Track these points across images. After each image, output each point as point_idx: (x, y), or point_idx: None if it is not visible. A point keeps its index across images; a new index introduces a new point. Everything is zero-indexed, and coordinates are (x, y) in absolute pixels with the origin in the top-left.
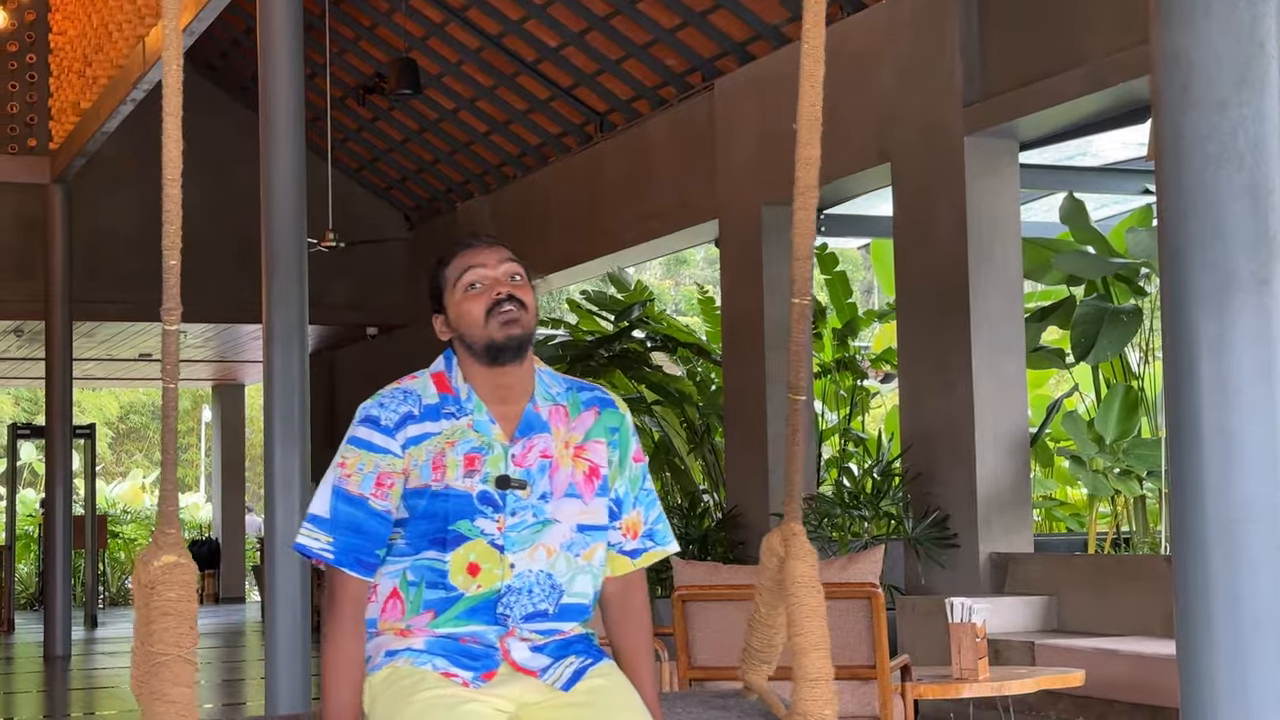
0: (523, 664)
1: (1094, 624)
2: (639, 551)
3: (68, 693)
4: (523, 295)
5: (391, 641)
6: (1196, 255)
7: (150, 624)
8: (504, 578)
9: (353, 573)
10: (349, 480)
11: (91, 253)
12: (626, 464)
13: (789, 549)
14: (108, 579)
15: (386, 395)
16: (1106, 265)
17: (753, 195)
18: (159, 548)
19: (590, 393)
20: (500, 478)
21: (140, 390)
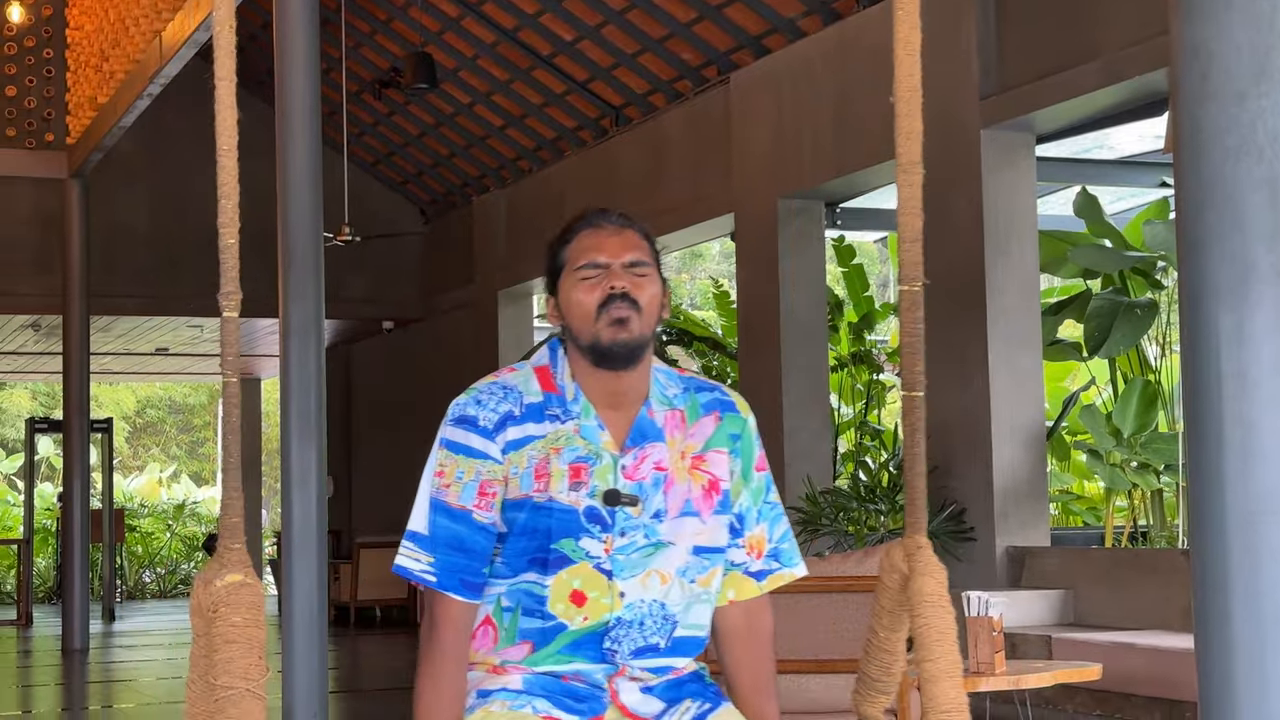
0: (633, 709)
1: (1111, 618)
2: (765, 573)
3: (85, 686)
4: (641, 293)
5: (484, 680)
6: (1215, 247)
7: (213, 654)
8: (613, 608)
9: (457, 596)
10: (448, 491)
11: (108, 247)
12: (750, 474)
13: (914, 564)
14: (125, 573)
15: (484, 391)
16: (1122, 259)
17: (768, 189)
18: (222, 565)
19: (710, 394)
20: (609, 492)
21: (157, 385)
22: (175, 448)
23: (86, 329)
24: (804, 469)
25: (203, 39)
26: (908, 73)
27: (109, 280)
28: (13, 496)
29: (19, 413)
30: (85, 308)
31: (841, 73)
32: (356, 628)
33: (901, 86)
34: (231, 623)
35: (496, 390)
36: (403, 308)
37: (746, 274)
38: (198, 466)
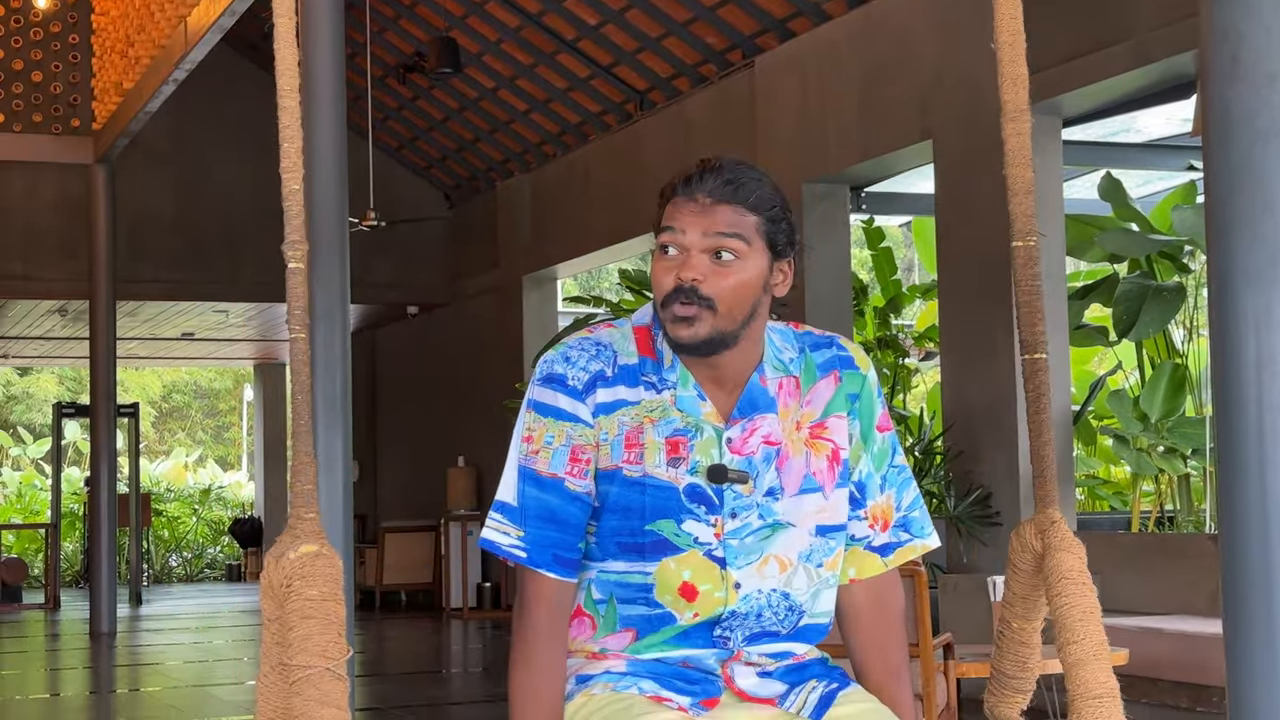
0: (751, 691)
1: (1138, 603)
2: (891, 546)
3: (113, 669)
4: (717, 286)
5: (584, 666)
6: (1244, 230)
7: (289, 632)
8: (727, 602)
9: (549, 573)
10: (537, 457)
11: (134, 232)
12: (871, 436)
13: (1049, 541)
14: (152, 557)
15: (574, 346)
16: (1149, 243)
17: (793, 172)
18: (295, 536)
19: (827, 351)
20: (713, 468)
21: (183, 370)
22: (201, 433)
23: (113, 314)
24: None
25: (228, 24)
26: (1010, 14)
27: (135, 265)
28: (40, 481)
29: (46, 398)
30: (112, 293)
31: (867, 55)
32: (382, 612)
33: (1003, 30)
34: (307, 597)
35: (589, 346)
36: (427, 292)
37: None
38: (223, 451)
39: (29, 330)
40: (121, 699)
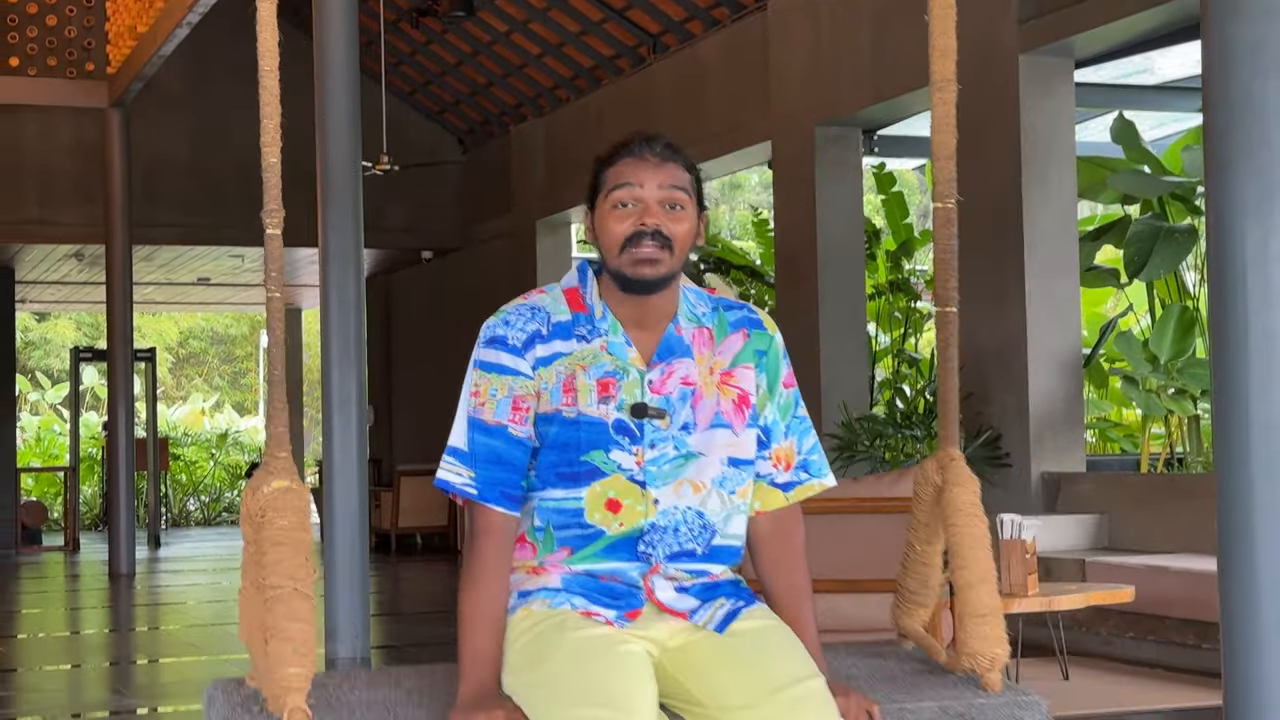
0: (669, 604)
1: (1145, 542)
2: (793, 484)
3: (133, 608)
4: (673, 229)
5: (525, 581)
6: (1242, 164)
7: (262, 556)
8: (647, 515)
9: (497, 507)
10: (484, 408)
11: (149, 177)
12: (777, 389)
13: (947, 476)
14: (170, 500)
15: (511, 312)
16: (1161, 184)
17: (806, 116)
18: (269, 472)
19: (738, 312)
20: (636, 405)
21: (199, 315)
22: (218, 378)
23: (129, 259)
24: (840, 396)
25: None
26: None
27: (151, 210)
28: (59, 425)
29: (63, 343)
30: (128, 237)
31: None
32: (397, 554)
33: (936, 4)
34: (279, 526)
35: (524, 311)
36: (441, 237)
37: (784, 202)
38: (240, 396)
39: (46, 275)
40: (141, 637)
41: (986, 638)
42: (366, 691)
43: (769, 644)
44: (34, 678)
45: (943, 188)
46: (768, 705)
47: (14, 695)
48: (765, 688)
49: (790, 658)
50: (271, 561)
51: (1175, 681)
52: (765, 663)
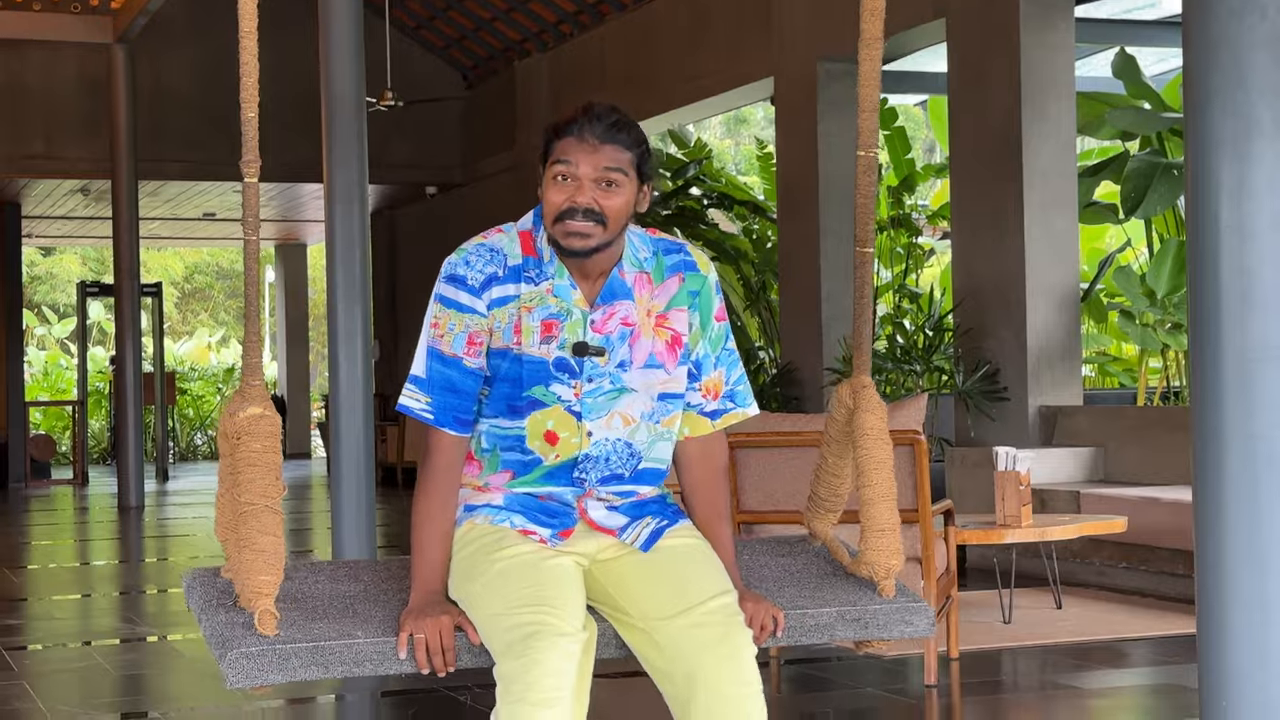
0: (600, 523)
1: (1140, 474)
2: (719, 413)
3: (142, 540)
4: (605, 204)
5: (471, 496)
6: (1218, 104)
7: (236, 474)
8: (581, 446)
9: (451, 430)
10: (442, 341)
11: (154, 112)
12: (709, 324)
13: (858, 401)
14: (177, 434)
15: (472, 252)
16: (1159, 120)
17: (808, 52)
18: (244, 399)
19: (675, 255)
20: (577, 344)
21: (204, 250)
22: (223, 313)
23: (135, 193)
24: (841, 331)
25: None
26: None
27: (156, 145)
28: (65, 360)
29: (69, 278)
30: (134, 172)
31: None
32: (404, 488)
33: None
34: (252, 449)
35: (484, 252)
36: (446, 172)
37: (786, 138)
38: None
39: (52, 210)
40: (150, 568)
41: (884, 549)
42: (328, 584)
43: (687, 562)
44: (45, 606)
45: (867, 138)
46: (683, 618)
47: (25, 624)
48: (681, 603)
49: (706, 575)
50: (245, 481)
51: (1165, 610)
52: (683, 579)
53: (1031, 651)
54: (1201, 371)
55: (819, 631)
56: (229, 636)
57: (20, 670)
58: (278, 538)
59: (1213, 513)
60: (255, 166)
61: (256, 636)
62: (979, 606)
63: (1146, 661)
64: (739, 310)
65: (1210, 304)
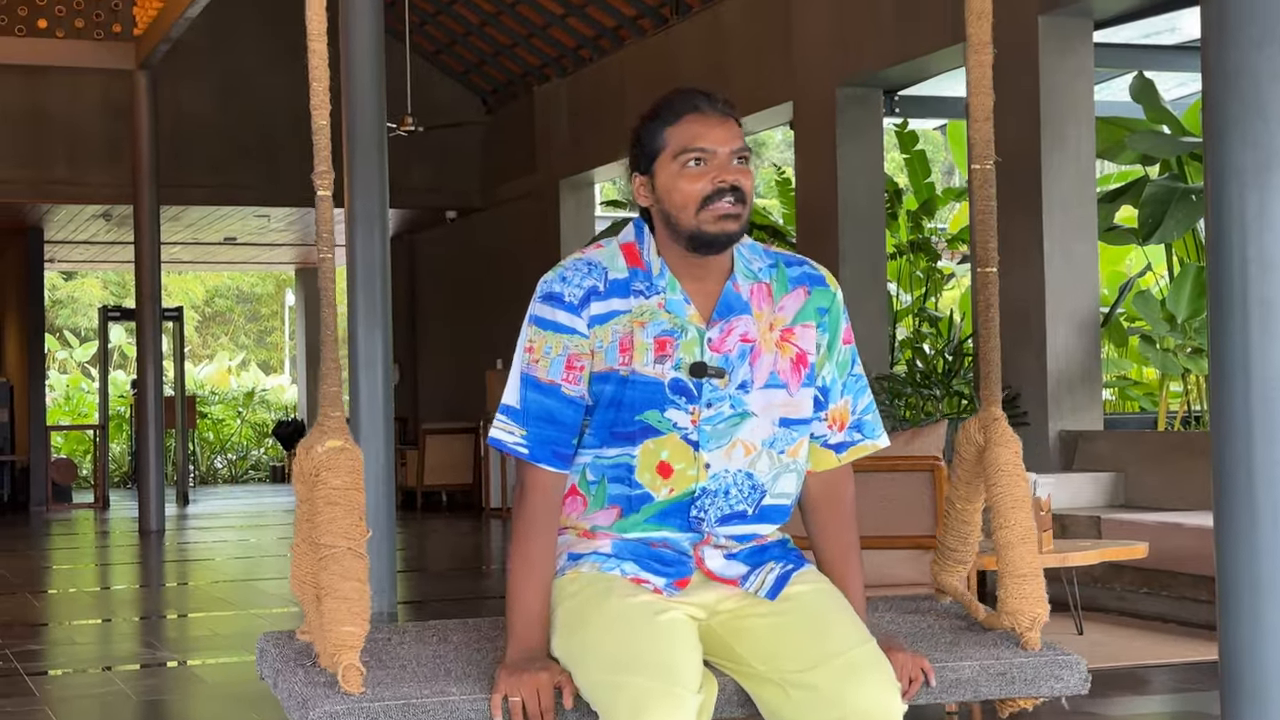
0: (718, 572)
1: (1161, 499)
2: (845, 445)
3: (162, 564)
4: (746, 185)
5: (575, 544)
6: (1237, 133)
7: (315, 515)
8: (698, 479)
9: (548, 466)
10: (537, 366)
11: (176, 138)
12: (836, 347)
13: (989, 436)
14: (198, 458)
15: (569, 267)
16: (1179, 144)
17: (827, 77)
18: (323, 432)
19: (799, 268)
20: (695, 365)
21: (225, 274)
22: (244, 337)
23: (157, 218)
24: (861, 355)
25: None
26: None
27: (178, 170)
28: (87, 384)
29: (91, 302)
30: (155, 197)
31: None
32: (423, 512)
33: None
34: (332, 486)
35: (581, 266)
36: (465, 197)
37: (805, 162)
38: (266, 355)
39: (74, 234)
40: (171, 592)
41: (1027, 596)
42: (415, 646)
43: (822, 609)
44: (66, 631)
45: (981, 149)
46: (823, 670)
47: (46, 649)
48: (820, 653)
49: (843, 623)
50: (325, 521)
51: (1187, 636)
52: (819, 628)
53: None
54: (1222, 399)
55: (960, 689)
56: (309, 696)
57: (42, 696)
58: (363, 584)
59: (1234, 538)
60: (329, 179)
61: (341, 695)
62: None
63: (1168, 688)
64: None
65: (1231, 333)
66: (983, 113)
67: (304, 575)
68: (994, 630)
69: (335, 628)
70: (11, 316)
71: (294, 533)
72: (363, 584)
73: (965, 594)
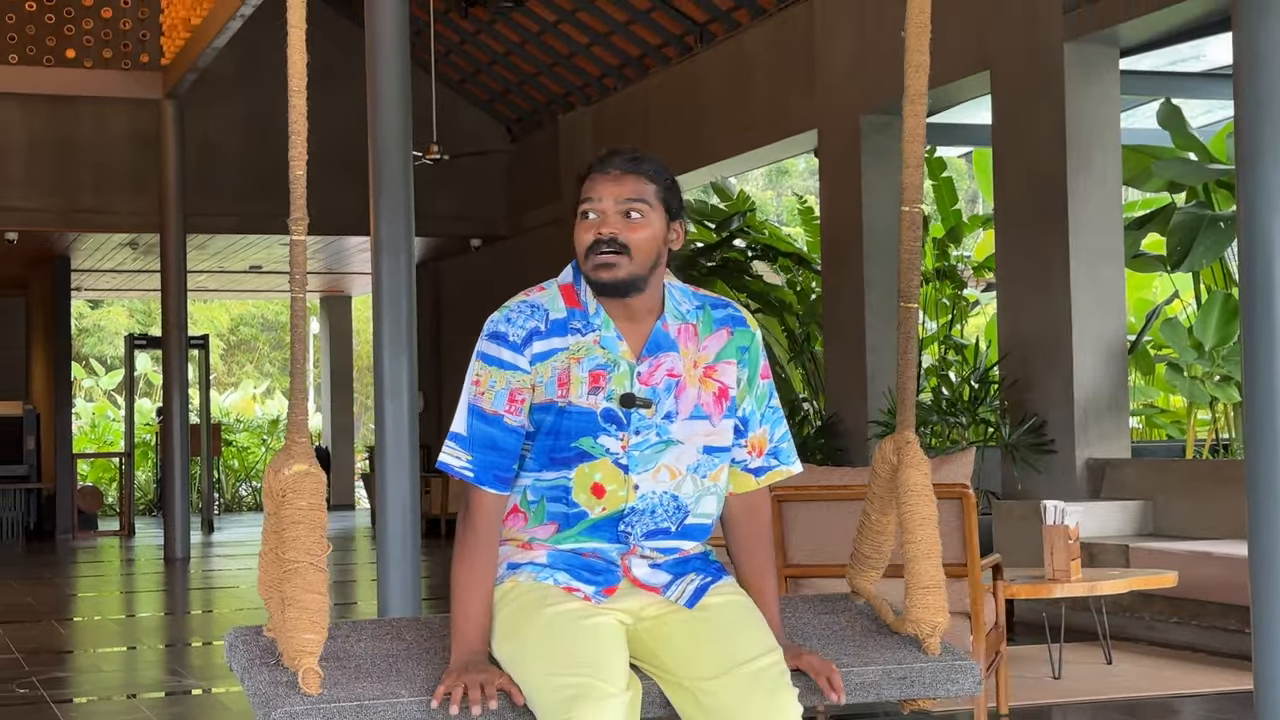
0: (643, 580)
1: (1190, 528)
2: (763, 470)
3: (187, 592)
4: (630, 237)
5: (514, 554)
6: (1269, 158)
7: (281, 531)
8: (628, 499)
9: (490, 489)
10: (483, 398)
11: (203, 167)
12: (755, 382)
13: (902, 457)
14: (223, 486)
15: (514, 309)
16: (1206, 171)
17: (851, 105)
18: (289, 456)
19: (723, 310)
20: (625, 395)
21: (250, 302)
22: (268, 365)
23: (183, 247)
24: (886, 383)
25: None
26: (919, 9)
27: (204, 199)
28: (113, 412)
29: (117, 330)
30: (181, 226)
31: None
32: (447, 540)
33: (913, 22)
34: (298, 506)
35: (525, 308)
36: (490, 225)
37: (829, 190)
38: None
39: (101, 263)
40: (195, 620)
41: (929, 607)
42: (371, 643)
43: (733, 620)
44: (91, 659)
45: (911, 193)
46: (729, 677)
47: (72, 676)
48: (728, 661)
49: (752, 634)
50: (290, 538)
51: (1217, 665)
52: (729, 638)
53: (1082, 708)
54: (1256, 427)
55: (864, 690)
56: (272, 696)
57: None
58: (322, 595)
59: (1269, 566)
60: (303, 224)
61: (300, 696)
62: (1028, 661)
63: (1198, 718)
64: (783, 362)
65: (1264, 359)
66: (915, 160)
67: (270, 581)
68: (899, 634)
69: (297, 634)
70: (39, 344)
71: (261, 542)
72: (322, 596)
73: (876, 597)
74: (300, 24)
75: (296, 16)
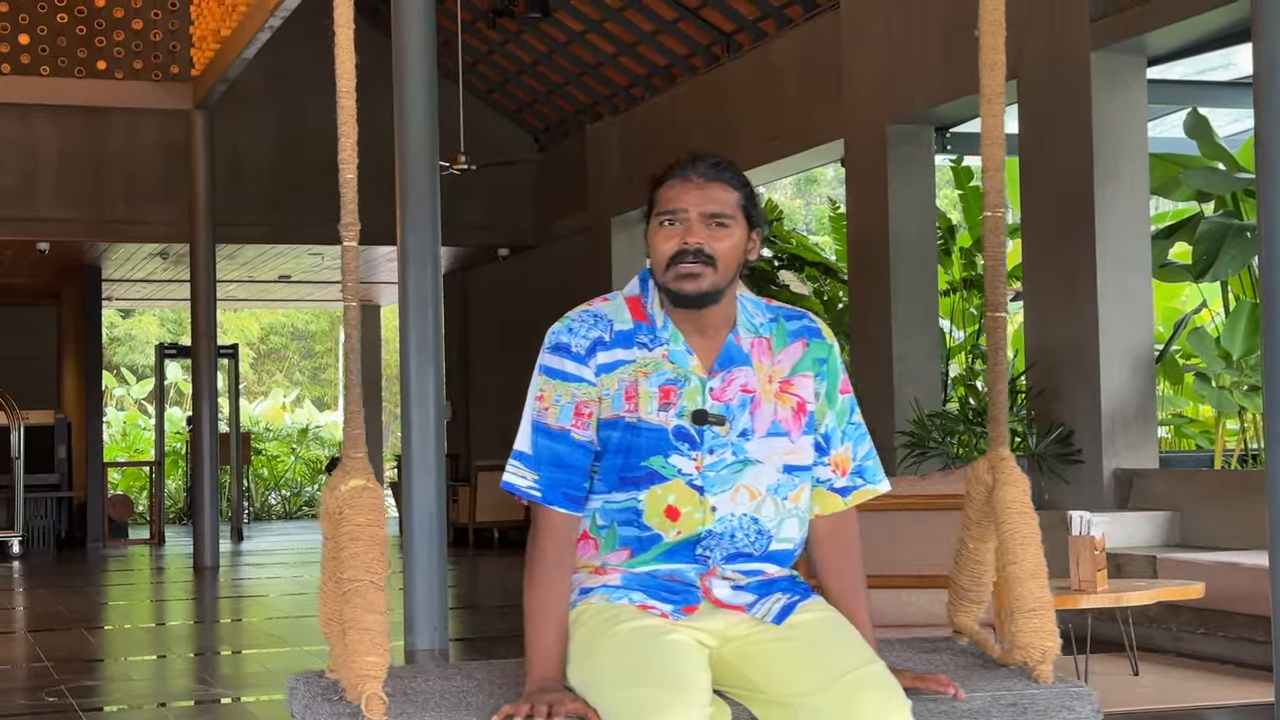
0: (725, 600)
1: (1217, 538)
2: (849, 489)
3: (217, 600)
4: (715, 247)
5: (586, 579)
6: None
7: (339, 551)
8: (704, 522)
9: (560, 509)
10: (547, 413)
11: (232, 177)
12: (834, 397)
13: (997, 475)
14: (252, 494)
15: (575, 319)
16: (1234, 180)
17: (879, 114)
18: (346, 472)
19: (798, 321)
20: (697, 412)
21: (279, 312)
22: (298, 373)
23: (213, 257)
24: (913, 392)
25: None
26: (993, 7)
27: (233, 209)
28: (144, 420)
29: (148, 339)
30: (211, 236)
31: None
32: (475, 549)
33: (986, 21)
34: (356, 523)
35: (588, 318)
36: (518, 235)
37: (857, 199)
38: (320, 392)
39: (131, 273)
40: (225, 628)
41: (1037, 631)
42: (439, 682)
43: (828, 632)
44: (121, 668)
45: (993, 198)
46: (831, 690)
47: (102, 685)
48: (828, 673)
49: (849, 645)
50: (348, 556)
51: (1245, 677)
52: (825, 650)
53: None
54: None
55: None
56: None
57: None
58: (383, 616)
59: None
60: (355, 230)
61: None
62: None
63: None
64: None
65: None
66: (994, 163)
67: (331, 612)
68: (1007, 666)
69: (359, 658)
70: (70, 354)
71: (320, 572)
72: (383, 616)
73: (979, 632)
74: (348, 23)
75: (344, 16)
